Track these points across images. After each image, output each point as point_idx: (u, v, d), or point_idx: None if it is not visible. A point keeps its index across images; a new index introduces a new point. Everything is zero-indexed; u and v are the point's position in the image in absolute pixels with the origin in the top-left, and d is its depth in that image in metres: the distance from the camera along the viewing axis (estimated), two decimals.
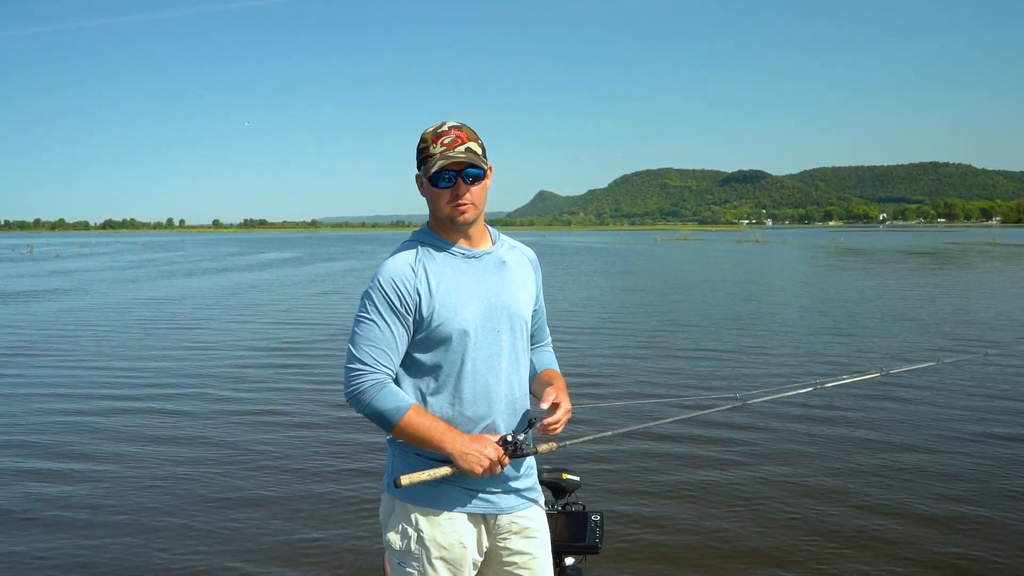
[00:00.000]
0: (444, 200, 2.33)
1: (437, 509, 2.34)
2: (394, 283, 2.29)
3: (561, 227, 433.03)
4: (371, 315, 2.29)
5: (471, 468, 2.24)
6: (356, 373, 2.27)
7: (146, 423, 7.76)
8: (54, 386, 9.57)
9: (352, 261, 47.59)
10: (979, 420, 7.56)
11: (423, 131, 2.37)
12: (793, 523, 5.15)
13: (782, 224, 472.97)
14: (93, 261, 49.24)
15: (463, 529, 2.36)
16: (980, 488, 5.72)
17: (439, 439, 2.25)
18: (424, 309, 2.28)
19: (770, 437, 7.08)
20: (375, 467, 6.29)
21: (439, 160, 2.28)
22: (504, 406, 2.38)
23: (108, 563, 4.60)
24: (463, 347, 2.31)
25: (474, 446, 2.26)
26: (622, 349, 12.07)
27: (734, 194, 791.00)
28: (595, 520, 2.62)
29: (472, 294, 2.34)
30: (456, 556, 2.35)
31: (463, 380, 2.32)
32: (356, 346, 2.29)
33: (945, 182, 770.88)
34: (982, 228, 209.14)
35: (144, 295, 23.05)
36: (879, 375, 3.02)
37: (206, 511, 5.39)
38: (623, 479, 6.01)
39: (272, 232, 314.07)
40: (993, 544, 4.76)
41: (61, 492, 5.79)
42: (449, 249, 2.37)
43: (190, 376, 10.16)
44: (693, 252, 57.23)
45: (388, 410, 2.24)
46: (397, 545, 2.36)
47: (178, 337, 13.81)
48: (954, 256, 45.34)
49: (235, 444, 7.00)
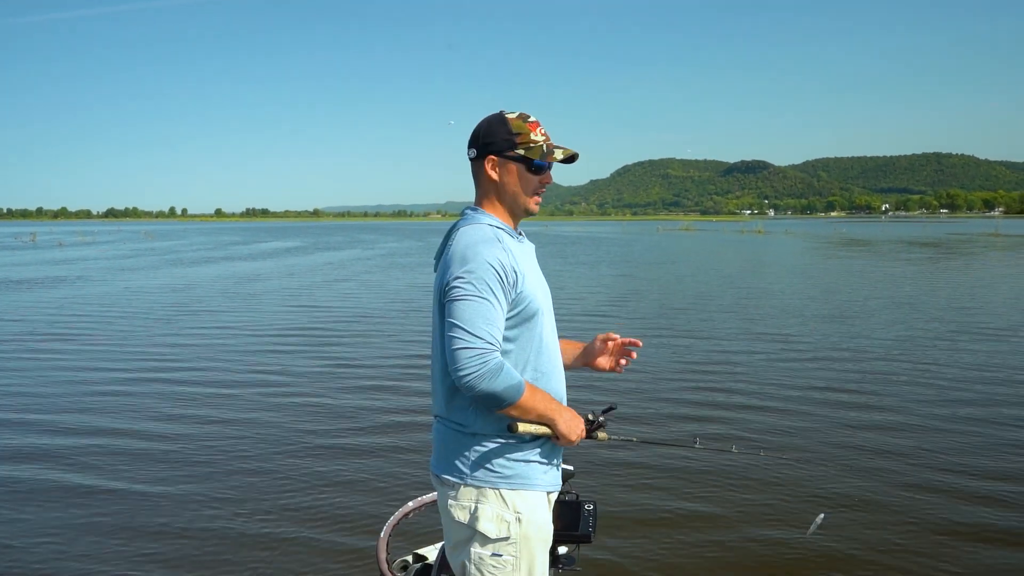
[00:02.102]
0: (533, 186, 2.41)
1: (531, 489, 2.37)
2: (500, 260, 2.27)
3: (563, 217, 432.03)
4: (482, 293, 2.23)
5: (569, 434, 2.34)
6: (477, 352, 2.18)
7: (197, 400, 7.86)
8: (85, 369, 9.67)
9: (355, 250, 47.64)
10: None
11: (498, 115, 2.42)
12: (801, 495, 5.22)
13: (784, 215, 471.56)
14: (95, 250, 49.28)
15: (548, 508, 2.44)
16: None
17: (551, 407, 2.33)
18: (519, 286, 2.31)
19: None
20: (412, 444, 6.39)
21: (555, 148, 2.40)
22: (560, 379, 2.50)
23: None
24: (540, 324, 2.39)
25: (571, 415, 2.38)
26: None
27: (736, 184, 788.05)
28: (588, 509, 2.66)
29: (536, 276, 2.44)
30: (548, 535, 2.42)
31: (542, 355, 2.40)
32: (471, 324, 2.20)
33: (948, 173, 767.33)
34: (985, 219, 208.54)
35: (156, 282, 23.13)
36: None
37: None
38: (616, 467, 6.06)
39: (275, 221, 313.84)
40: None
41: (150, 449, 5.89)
42: (511, 234, 2.42)
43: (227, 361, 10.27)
44: (696, 243, 57.14)
45: (511, 387, 2.22)
46: (494, 534, 2.31)
47: (208, 321, 13.91)
48: (956, 246, 45.28)
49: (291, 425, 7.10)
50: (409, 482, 5.75)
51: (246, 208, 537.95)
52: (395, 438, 6.93)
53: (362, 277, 25.85)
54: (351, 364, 10.36)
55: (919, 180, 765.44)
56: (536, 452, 2.38)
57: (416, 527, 4.09)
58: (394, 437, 6.97)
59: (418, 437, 6.86)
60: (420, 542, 3.22)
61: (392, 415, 7.72)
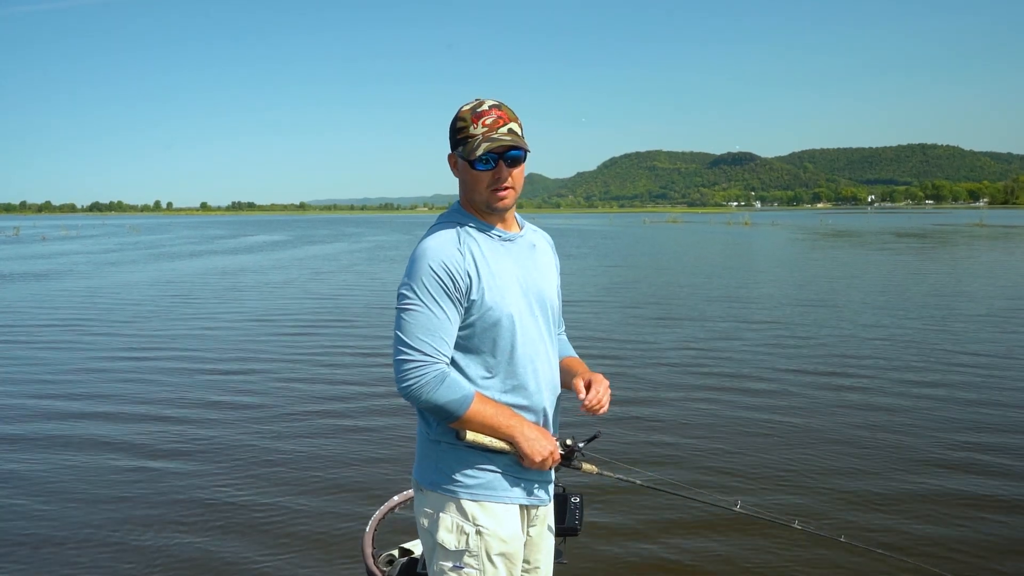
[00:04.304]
0: (484, 184, 2.23)
1: (496, 501, 2.25)
2: (445, 265, 2.14)
3: (550, 210, 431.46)
4: (423, 300, 2.13)
5: (531, 454, 2.20)
6: (415, 365, 2.11)
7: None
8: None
9: (341, 244, 47.47)
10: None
11: (459, 108, 2.25)
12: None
13: (771, 206, 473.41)
14: (79, 244, 48.90)
15: (518, 521, 2.30)
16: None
17: (507, 424, 2.19)
18: (475, 292, 2.17)
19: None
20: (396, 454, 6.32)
21: (482, 142, 2.17)
22: (549, 392, 2.35)
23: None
24: (512, 332, 2.22)
25: (538, 434, 2.23)
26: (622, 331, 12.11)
27: (723, 176, 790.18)
28: (575, 502, 2.63)
29: (512, 278, 2.26)
30: (514, 550, 2.28)
31: (515, 365, 2.25)
32: (409, 335, 2.12)
33: (933, 164, 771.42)
34: (970, 209, 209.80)
35: (144, 276, 22.96)
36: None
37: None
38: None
39: (260, 215, 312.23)
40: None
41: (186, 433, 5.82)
42: (488, 232, 2.28)
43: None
44: (684, 234, 57.28)
45: (454, 400, 2.12)
46: (452, 545, 2.22)
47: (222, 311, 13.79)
48: (943, 237, 45.52)
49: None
50: (395, 477, 5.70)
51: (232, 202, 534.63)
52: (381, 434, 6.89)
53: (355, 269, 25.76)
54: (335, 356, 10.32)
55: (905, 171, 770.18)
56: (507, 461, 2.25)
57: (401, 521, 4.05)
58: (380, 433, 6.92)
59: (404, 433, 6.81)
60: (406, 536, 3.18)
61: (379, 410, 7.67)
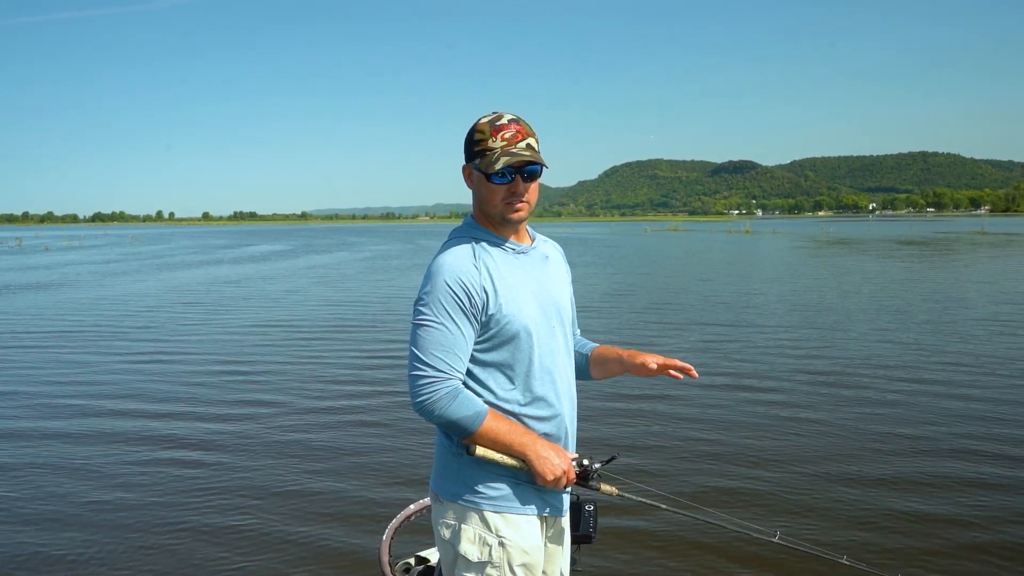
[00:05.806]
0: (499, 197, 2.24)
1: (517, 513, 2.26)
2: (461, 281, 2.16)
3: (551, 218, 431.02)
4: (438, 317, 2.15)
5: (544, 473, 2.21)
6: (428, 381, 2.14)
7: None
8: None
9: (343, 253, 47.47)
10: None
11: (477, 120, 2.27)
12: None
13: (772, 214, 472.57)
14: (83, 254, 48.90)
15: (539, 532, 2.32)
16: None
17: (519, 441, 2.20)
18: (492, 307, 2.19)
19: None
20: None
21: (501, 156, 2.19)
22: (568, 403, 2.37)
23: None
24: (529, 345, 2.24)
25: (552, 452, 2.23)
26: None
27: (724, 184, 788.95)
28: (589, 510, 2.65)
29: (528, 291, 2.27)
30: (536, 560, 2.29)
31: (532, 378, 2.26)
32: (424, 351, 2.15)
33: (934, 171, 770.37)
34: (971, 217, 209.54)
35: (147, 286, 23.00)
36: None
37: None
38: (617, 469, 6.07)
39: (262, 224, 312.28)
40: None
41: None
42: (503, 245, 2.29)
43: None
44: (685, 243, 57.21)
45: (466, 417, 2.15)
46: (475, 556, 2.23)
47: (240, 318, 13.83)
48: (944, 245, 45.43)
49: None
50: (412, 484, 5.73)
51: (234, 211, 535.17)
52: (399, 440, 6.90)
53: (359, 277, 25.77)
54: (343, 368, 10.33)
55: (906, 179, 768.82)
56: (528, 473, 2.25)
57: (418, 530, 4.09)
58: (398, 439, 6.93)
59: (422, 440, 6.83)
60: (422, 544, 3.22)
61: (397, 417, 7.67)
